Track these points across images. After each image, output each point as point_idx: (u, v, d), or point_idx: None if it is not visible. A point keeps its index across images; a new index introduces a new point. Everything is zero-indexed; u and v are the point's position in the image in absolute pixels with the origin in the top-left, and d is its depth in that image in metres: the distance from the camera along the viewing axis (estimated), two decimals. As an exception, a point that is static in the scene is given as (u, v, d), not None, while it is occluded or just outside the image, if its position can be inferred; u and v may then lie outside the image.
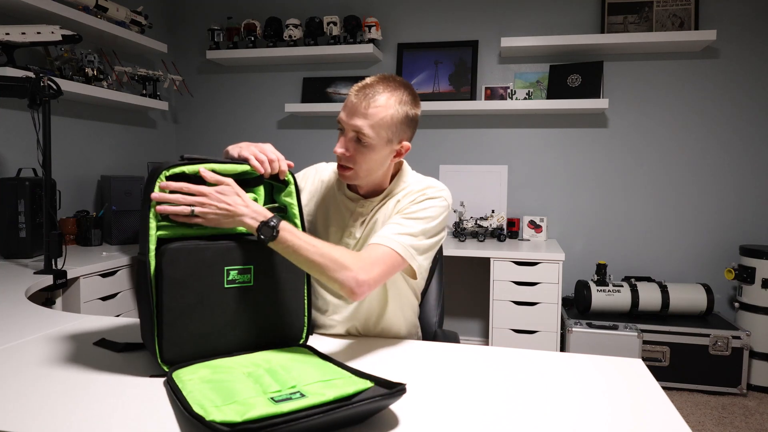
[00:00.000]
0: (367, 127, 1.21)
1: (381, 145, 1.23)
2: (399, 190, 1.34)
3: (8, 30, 2.28)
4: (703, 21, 3.05)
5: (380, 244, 1.17)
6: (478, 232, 3.17)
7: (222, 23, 3.62)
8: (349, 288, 1.08)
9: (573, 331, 2.77)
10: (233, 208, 1.02)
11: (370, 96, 1.21)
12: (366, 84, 1.24)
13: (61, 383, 0.96)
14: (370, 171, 1.27)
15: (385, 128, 1.22)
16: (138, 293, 1.05)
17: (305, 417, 0.75)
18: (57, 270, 1.98)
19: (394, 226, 1.21)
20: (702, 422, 2.49)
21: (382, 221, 1.30)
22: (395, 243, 1.17)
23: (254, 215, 1.03)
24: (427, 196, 1.27)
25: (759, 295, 2.82)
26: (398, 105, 1.23)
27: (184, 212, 1.00)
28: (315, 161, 1.58)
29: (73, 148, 2.93)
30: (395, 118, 1.23)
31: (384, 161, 1.27)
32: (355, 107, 1.22)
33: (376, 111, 1.21)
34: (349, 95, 1.25)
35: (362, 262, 1.11)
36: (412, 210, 1.25)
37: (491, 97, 3.30)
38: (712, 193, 3.13)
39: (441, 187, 1.31)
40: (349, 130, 1.23)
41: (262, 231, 1.02)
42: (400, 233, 1.20)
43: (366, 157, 1.23)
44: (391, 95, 1.23)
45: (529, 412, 0.89)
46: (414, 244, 1.20)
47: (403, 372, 1.06)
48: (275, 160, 1.12)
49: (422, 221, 1.23)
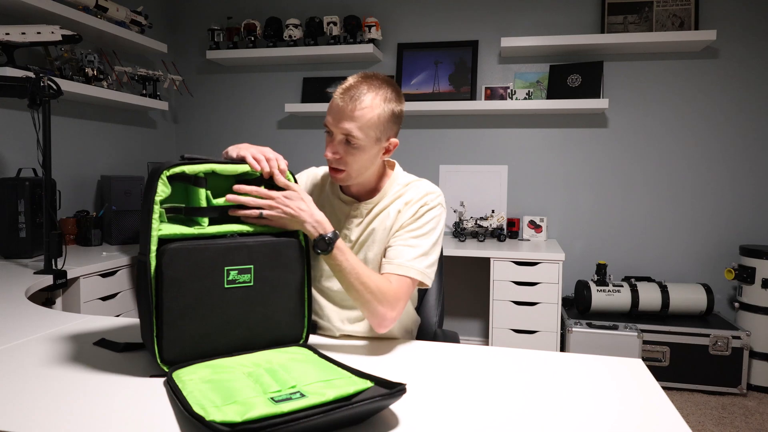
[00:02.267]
0: (356, 129, 1.21)
1: (370, 144, 1.25)
2: (394, 191, 1.34)
3: (8, 30, 2.28)
4: (703, 21, 3.05)
5: (403, 276, 1.23)
6: (478, 232, 3.17)
7: (222, 23, 3.62)
8: (377, 322, 1.19)
9: (573, 331, 2.77)
10: (297, 213, 1.12)
11: (356, 98, 1.21)
12: (350, 85, 1.24)
13: (61, 383, 0.96)
14: (361, 170, 1.28)
15: (373, 128, 1.23)
16: (138, 293, 1.05)
17: (305, 417, 0.75)
18: (57, 270, 1.97)
19: (407, 249, 1.26)
20: (702, 422, 2.49)
21: (382, 230, 1.31)
22: (415, 271, 1.24)
23: (315, 224, 1.13)
24: (428, 206, 1.31)
25: (759, 295, 2.82)
26: (384, 103, 1.24)
27: (253, 215, 1.10)
28: (315, 161, 1.59)
29: (73, 148, 2.93)
30: (382, 117, 1.24)
31: (374, 159, 1.29)
32: (341, 110, 1.22)
33: (363, 113, 1.21)
34: (333, 98, 1.25)
35: (393, 297, 1.19)
36: (417, 226, 1.29)
37: (491, 97, 3.30)
38: (712, 193, 3.13)
39: (437, 191, 1.34)
40: (338, 133, 1.24)
41: (318, 243, 1.12)
42: (416, 257, 1.25)
43: (356, 158, 1.25)
44: (375, 94, 1.23)
45: (529, 412, 0.89)
46: (428, 263, 1.27)
47: (403, 372, 1.06)
48: (273, 159, 1.13)
49: (429, 235, 1.29)
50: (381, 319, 1.18)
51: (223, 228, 1.06)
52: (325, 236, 1.12)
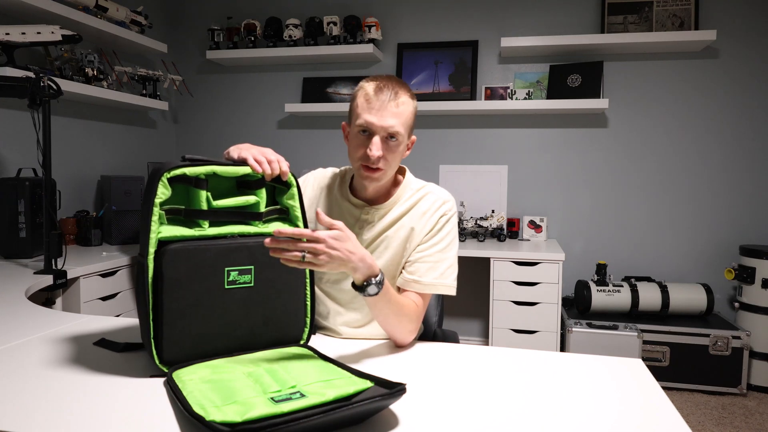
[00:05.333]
0: (399, 125, 1.24)
1: (405, 141, 1.29)
2: (407, 197, 1.35)
3: (8, 30, 2.28)
4: (703, 21, 3.05)
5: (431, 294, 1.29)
6: (478, 232, 3.17)
7: (222, 23, 3.62)
8: (402, 338, 1.21)
9: (573, 331, 2.77)
10: (347, 257, 1.04)
11: (394, 96, 1.24)
12: (382, 85, 1.25)
13: (61, 383, 0.96)
14: (394, 168, 1.31)
15: (408, 125, 1.28)
16: (138, 294, 1.05)
17: (305, 417, 0.75)
18: (57, 270, 1.98)
19: (436, 266, 1.29)
20: (702, 422, 2.49)
21: (398, 241, 1.32)
22: (445, 288, 1.30)
23: (365, 270, 1.08)
24: (446, 217, 1.34)
25: (759, 295, 2.82)
26: (412, 100, 1.29)
27: (296, 258, 0.99)
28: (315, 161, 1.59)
29: (73, 148, 2.94)
30: (413, 113, 1.30)
31: (402, 156, 1.32)
32: (384, 107, 1.23)
33: (403, 109, 1.25)
34: (368, 97, 1.24)
35: (419, 315, 1.24)
36: (440, 239, 1.32)
37: (491, 97, 3.30)
38: (712, 193, 3.13)
39: (450, 198, 1.39)
40: (381, 131, 1.23)
41: (367, 288, 1.09)
42: (444, 272, 1.30)
43: (395, 155, 1.27)
44: (405, 91, 1.28)
45: (529, 412, 0.89)
46: (455, 275, 1.33)
47: (403, 372, 1.06)
48: (275, 161, 1.12)
49: (451, 247, 1.33)
50: (407, 337, 1.21)
51: (223, 229, 1.06)
52: (374, 279, 1.09)
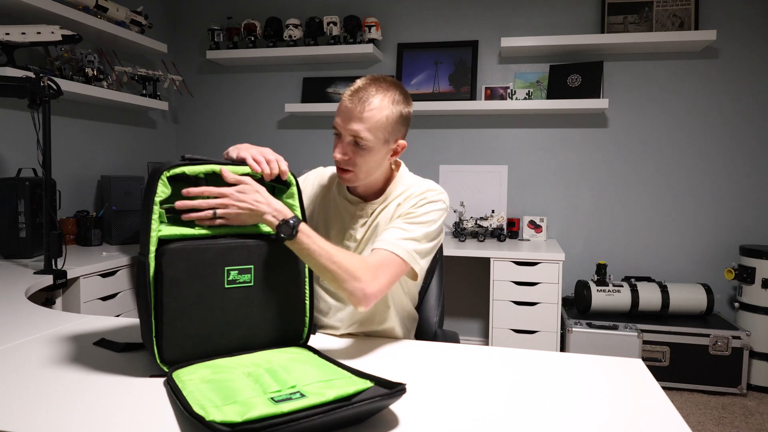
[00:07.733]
0: (365, 130, 1.22)
1: (378, 146, 1.25)
2: (398, 192, 1.35)
3: (8, 30, 2.28)
4: (703, 21, 3.05)
5: (386, 250, 1.19)
6: (478, 232, 3.17)
7: (222, 23, 3.62)
8: (357, 299, 1.12)
9: (573, 331, 2.77)
10: (254, 206, 1.05)
11: (364, 99, 1.22)
12: (359, 87, 1.25)
13: (61, 383, 0.96)
14: (369, 172, 1.29)
15: (381, 130, 1.24)
16: (138, 293, 1.05)
17: (305, 417, 0.75)
18: (57, 270, 1.97)
19: (398, 230, 1.23)
20: (702, 422, 2.49)
21: (383, 224, 1.31)
22: (400, 249, 1.20)
23: (275, 213, 1.06)
24: (427, 199, 1.29)
25: (759, 295, 2.82)
26: (392, 105, 1.25)
27: (207, 216, 1.03)
28: (315, 161, 1.59)
29: (73, 148, 2.93)
30: (390, 118, 1.25)
31: (382, 161, 1.29)
32: (350, 112, 1.23)
33: (371, 114, 1.22)
34: (342, 100, 1.26)
35: (371, 272, 1.13)
36: (414, 214, 1.27)
37: (491, 97, 3.30)
38: (712, 193, 3.13)
39: (440, 189, 1.34)
40: (347, 134, 1.24)
41: (282, 229, 1.05)
42: (404, 238, 1.22)
43: (365, 159, 1.25)
44: (384, 96, 1.24)
45: (529, 412, 0.89)
46: (417, 248, 1.23)
47: (403, 372, 1.06)
48: (274, 161, 1.12)
49: (424, 225, 1.26)
50: (360, 296, 1.10)
51: (223, 229, 1.06)
52: (288, 221, 1.05)
